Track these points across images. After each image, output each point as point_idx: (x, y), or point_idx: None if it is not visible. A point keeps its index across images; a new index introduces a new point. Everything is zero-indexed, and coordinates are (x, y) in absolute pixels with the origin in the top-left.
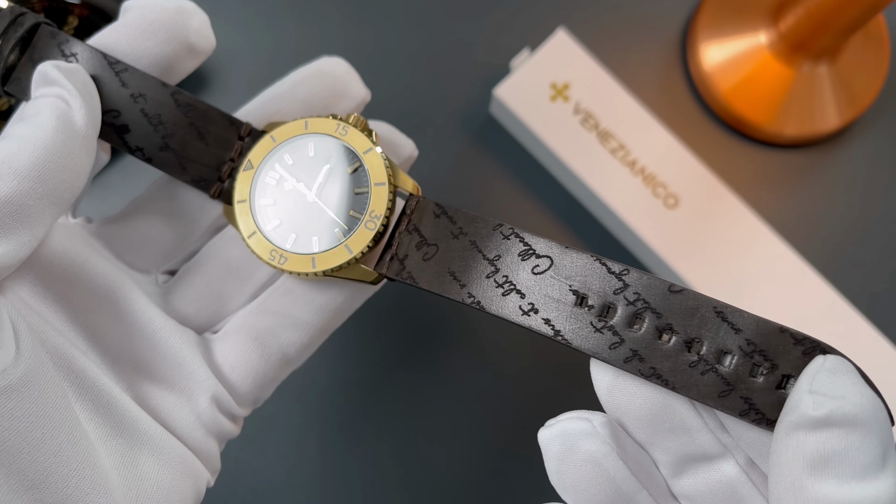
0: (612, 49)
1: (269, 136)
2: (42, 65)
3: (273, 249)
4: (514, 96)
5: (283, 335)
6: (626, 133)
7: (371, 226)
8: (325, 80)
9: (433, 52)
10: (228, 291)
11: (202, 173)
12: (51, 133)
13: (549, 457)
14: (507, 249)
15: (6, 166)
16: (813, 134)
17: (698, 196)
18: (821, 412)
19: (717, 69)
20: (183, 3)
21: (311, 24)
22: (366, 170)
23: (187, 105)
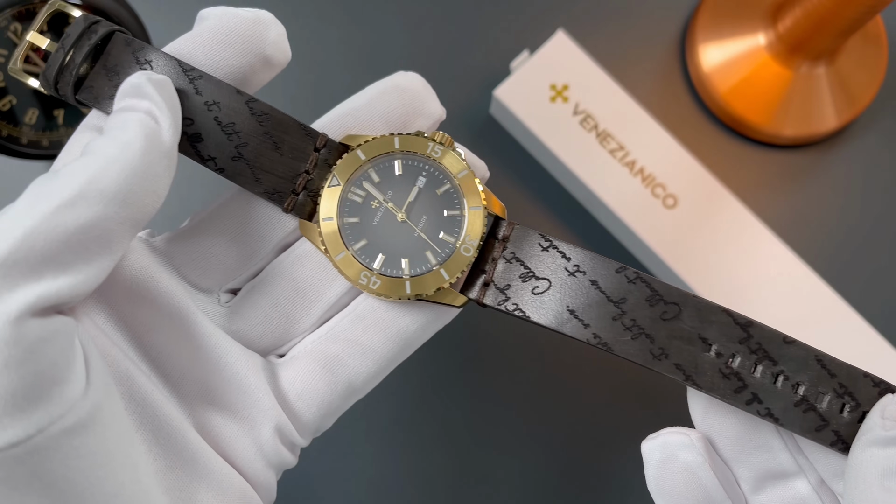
0: (611, 50)
1: (357, 152)
2: (135, 75)
3: (363, 271)
4: (513, 97)
5: (352, 364)
6: (626, 134)
7: (466, 251)
8: (403, 96)
9: (433, 53)
10: (296, 313)
11: (276, 185)
12: (138, 154)
13: (650, 464)
14: (631, 292)
15: (92, 188)
16: (811, 134)
17: (697, 196)
18: (892, 433)
19: (715, 70)
20: (260, 14)
21: (311, 25)
22: (459, 192)
23: (262, 114)
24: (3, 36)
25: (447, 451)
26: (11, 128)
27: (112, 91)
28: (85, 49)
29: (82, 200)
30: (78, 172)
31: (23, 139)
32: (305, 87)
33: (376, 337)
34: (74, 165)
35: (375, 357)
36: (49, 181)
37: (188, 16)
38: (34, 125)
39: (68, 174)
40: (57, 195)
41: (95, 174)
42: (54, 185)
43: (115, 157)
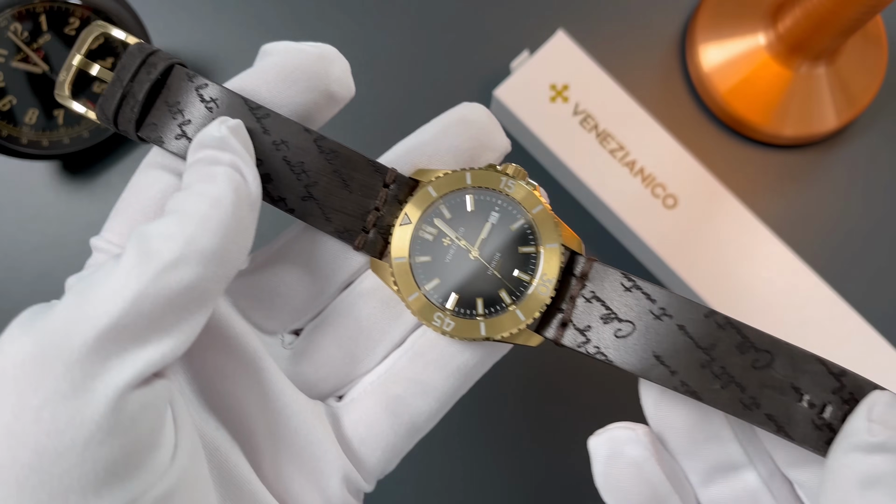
0: (611, 50)
1: (428, 189)
2: (214, 126)
3: (437, 313)
4: (513, 97)
5: (414, 403)
6: (626, 134)
7: (543, 290)
8: (471, 130)
9: (433, 53)
10: (360, 354)
11: (346, 224)
12: (230, 210)
13: (597, 460)
14: (721, 339)
15: (192, 248)
16: (811, 134)
17: (697, 196)
18: (878, 438)
19: (715, 70)
20: (325, 49)
21: (311, 25)
22: (534, 228)
23: (331, 151)
24: (3, 36)
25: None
26: (11, 128)
27: (176, 129)
28: (145, 84)
29: (184, 262)
30: (176, 233)
31: (23, 139)
32: None
33: (437, 374)
34: (170, 225)
35: (437, 394)
36: (147, 241)
37: (188, 16)
38: (34, 125)
39: (166, 235)
40: (159, 257)
41: (193, 234)
42: (153, 245)
43: (208, 215)
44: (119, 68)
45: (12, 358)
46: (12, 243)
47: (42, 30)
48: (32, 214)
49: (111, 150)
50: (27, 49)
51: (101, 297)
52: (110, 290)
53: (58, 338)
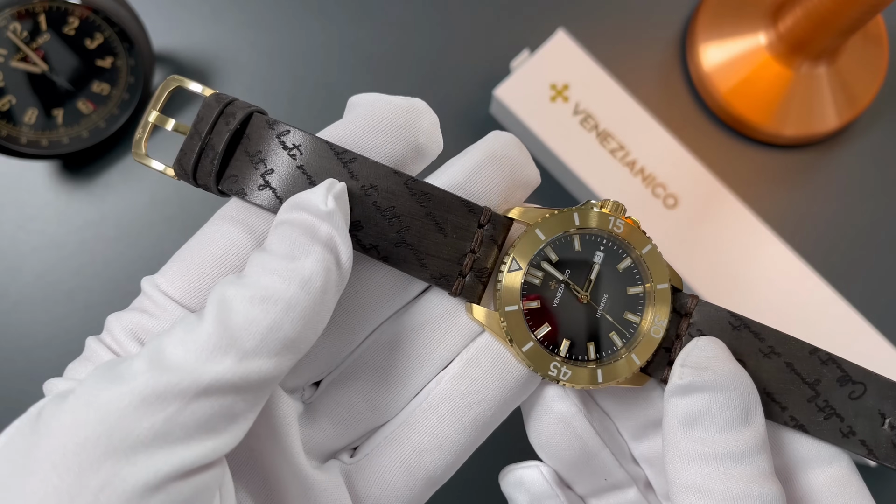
0: (611, 50)
1: (536, 232)
2: (320, 190)
3: (553, 362)
4: (514, 97)
5: (429, 458)
6: (626, 133)
7: (657, 332)
8: (503, 168)
9: (433, 53)
10: (379, 406)
11: (443, 269)
12: (318, 297)
13: (528, 416)
14: (824, 374)
15: (273, 337)
16: (812, 134)
17: (697, 196)
18: (685, 380)
19: (716, 70)
20: (415, 102)
21: (311, 25)
22: (645, 268)
23: (423, 193)
24: (2, 36)
25: None
26: (11, 127)
27: (259, 180)
28: (224, 135)
29: (262, 352)
30: (259, 318)
31: (22, 139)
32: (306, 86)
33: (452, 428)
34: (253, 306)
35: (453, 448)
36: (226, 319)
37: (188, 16)
38: (33, 125)
39: (249, 319)
40: (239, 345)
41: (277, 321)
42: (234, 325)
43: (295, 300)
44: (196, 121)
45: (68, 438)
46: (11, 243)
47: (41, 29)
48: (32, 214)
49: (110, 149)
50: (26, 49)
51: (179, 381)
52: (182, 373)
53: (117, 421)
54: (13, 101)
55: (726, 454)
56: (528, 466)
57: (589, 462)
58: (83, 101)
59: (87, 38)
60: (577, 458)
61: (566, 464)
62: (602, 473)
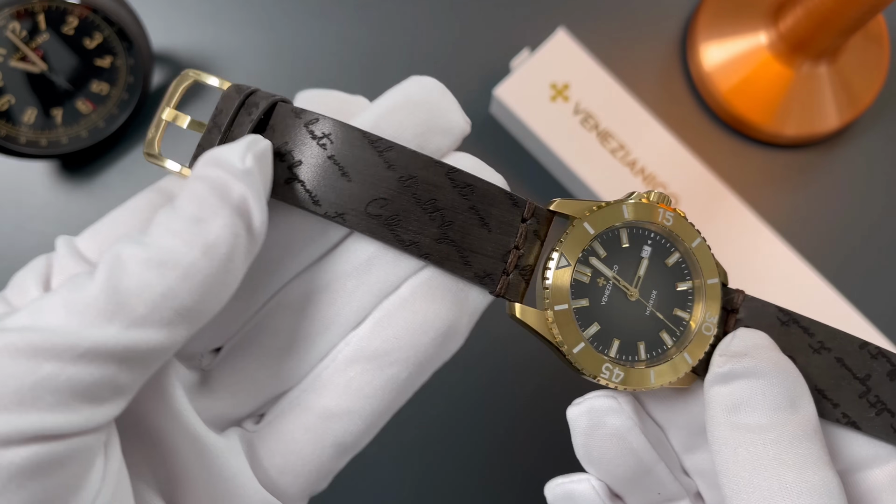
0: (612, 49)
1: (584, 226)
2: (238, 147)
3: (606, 364)
4: (514, 96)
5: (338, 424)
6: (626, 133)
7: (708, 329)
8: (417, 112)
9: (433, 52)
10: (283, 372)
11: (487, 267)
12: (222, 264)
13: (577, 431)
14: (875, 369)
15: (166, 305)
16: (813, 134)
17: (698, 196)
18: (725, 368)
19: (716, 69)
20: (358, 99)
21: (311, 25)
22: (692, 262)
23: (466, 185)
24: (1, 35)
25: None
26: (10, 127)
27: (286, 174)
28: (247, 126)
29: (154, 321)
30: (153, 282)
31: (21, 139)
32: (305, 86)
33: (361, 391)
34: (148, 268)
35: (364, 414)
36: (118, 280)
37: (188, 16)
38: (32, 125)
39: (142, 283)
40: (128, 311)
41: (173, 288)
42: (124, 289)
43: (195, 266)
44: (215, 114)
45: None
46: (10, 243)
47: (40, 29)
48: (31, 214)
49: (109, 149)
50: (26, 48)
51: (54, 342)
52: (60, 334)
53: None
54: (12, 101)
55: (774, 440)
56: (579, 480)
57: (644, 477)
58: (82, 100)
59: (87, 38)
60: (631, 473)
61: (619, 479)
62: (656, 487)
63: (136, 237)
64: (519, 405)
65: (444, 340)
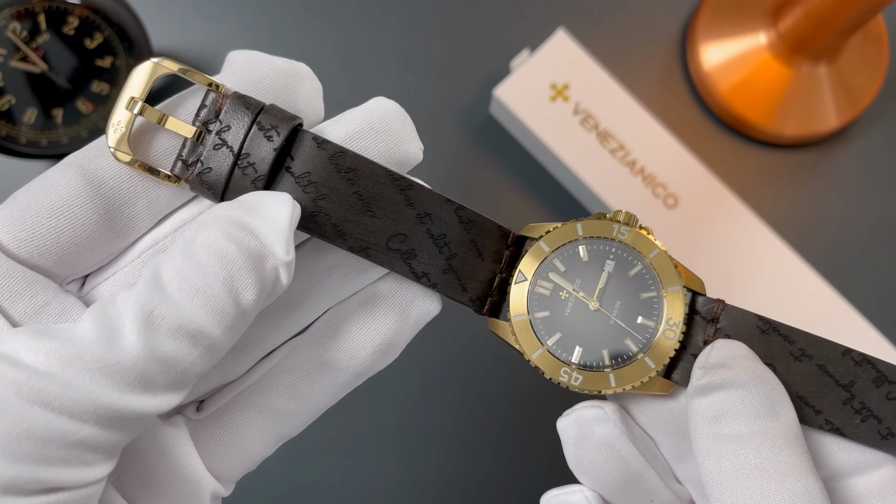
0: (611, 49)
1: (540, 244)
2: (279, 230)
3: (564, 368)
4: (513, 96)
5: (281, 422)
6: (626, 133)
7: (671, 335)
8: (378, 140)
9: (433, 52)
10: (227, 367)
11: (479, 291)
12: (238, 334)
13: (567, 442)
14: (859, 375)
15: (190, 373)
16: (812, 134)
17: (698, 196)
18: (704, 380)
19: (716, 69)
20: (298, 66)
21: (311, 25)
22: (653, 272)
23: (469, 221)
24: (1, 35)
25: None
26: (10, 127)
27: (311, 206)
28: (269, 157)
29: (177, 387)
30: (184, 353)
31: (21, 139)
32: None
33: (300, 393)
34: (179, 343)
35: (302, 413)
36: (151, 352)
37: (188, 16)
38: (33, 125)
39: (173, 353)
40: (156, 383)
41: (200, 358)
42: (159, 365)
43: (218, 341)
44: (220, 128)
45: None
46: None
47: (41, 29)
48: None
49: None
50: (26, 48)
51: (86, 408)
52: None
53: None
54: (13, 101)
55: (755, 449)
56: (572, 492)
57: (635, 484)
58: (83, 100)
59: (87, 38)
60: (622, 481)
61: (611, 488)
62: (648, 495)
63: (158, 284)
64: (520, 413)
65: (383, 354)
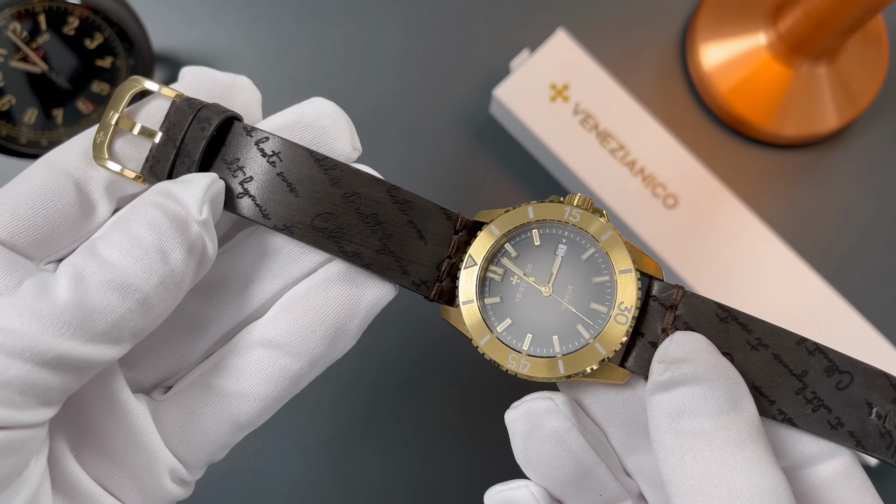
0: (611, 49)
1: (490, 228)
2: (193, 192)
3: (512, 354)
4: (513, 97)
5: (236, 405)
6: (626, 133)
7: (622, 319)
8: (304, 134)
9: (433, 52)
10: (184, 348)
11: (423, 275)
12: (174, 293)
13: (516, 436)
14: (812, 365)
15: (123, 326)
16: (812, 134)
17: (697, 196)
18: (665, 376)
19: (716, 69)
20: (238, 78)
21: (311, 25)
22: (605, 256)
23: (405, 202)
24: (2, 35)
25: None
26: (10, 127)
27: (238, 188)
28: (201, 142)
29: (109, 338)
30: (114, 304)
31: (22, 139)
32: (304, 86)
33: (258, 377)
34: (110, 294)
35: (258, 399)
36: (79, 302)
37: (188, 16)
38: (33, 125)
39: (102, 302)
40: (84, 329)
41: (130, 311)
42: (86, 312)
43: (152, 295)
44: (168, 126)
45: None
46: None
47: (41, 29)
48: None
49: None
50: (26, 48)
51: (23, 347)
52: (37, 340)
53: None
54: (13, 101)
55: (720, 445)
56: (517, 487)
57: (584, 479)
58: (83, 101)
59: (87, 38)
60: (571, 476)
61: (559, 482)
62: (597, 489)
63: (94, 251)
64: None
65: (333, 340)
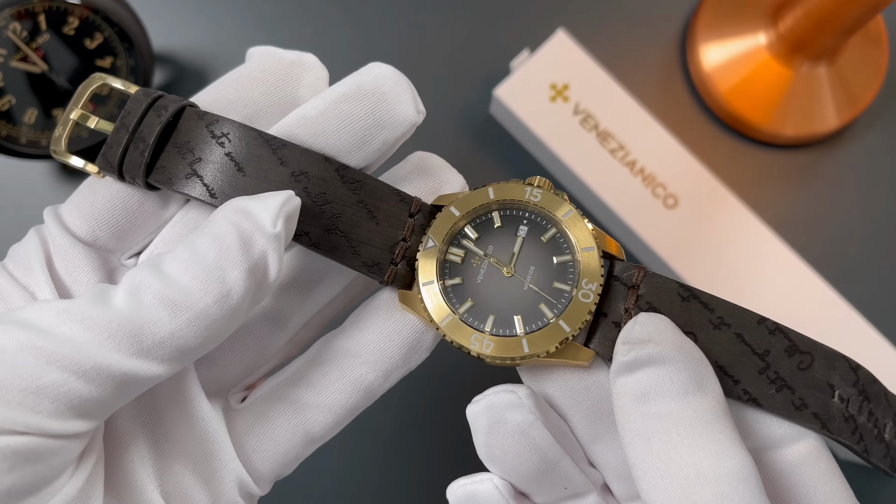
0: (611, 49)
1: (450, 209)
2: (270, 210)
3: (475, 334)
4: (513, 97)
5: (310, 416)
6: (626, 133)
7: (586, 296)
8: (364, 103)
9: (433, 52)
10: (266, 339)
11: (375, 257)
12: (230, 313)
13: (478, 431)
14: (773, 344)
15: (172, 344)
16: (812, 134)
17: (697, 196)
18: (629, 357)
19: (716, 70)
20: (303, 56)
21: (310, 25)
22: (568, 235)
23: (354, 181)
24: (2, 35)
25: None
26: (10, 127)
27: (186, 168)
28: (156, 127)
29: (155, 354)
30: (164, 320)
31: (22, 139)
32: None
33: (333, 387)
34: (162, 310)
35: (334, 409)
36: (131, 314)
37: (188, 16)
38: (33, 125)
39: (153, 319)
40: (130, 343)
41: (180, 329)
42: (134, 325)
43: (206, 312)
44: (123, 115)
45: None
46: (10, 243)
47: (41, 29)
48: (31, 214)
49: None
50: (26, 48)
51: (63, 354)
52: (78, 348)
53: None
54: (13, 101)
55: (687, 426)
56: (481, 481)
57: (549, 473)
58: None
59: (87, 38)
60: (536, 470)
61: (524, 477)
62: (562, 482)
63: (155, 265)
64: None
65: (409, 352)
